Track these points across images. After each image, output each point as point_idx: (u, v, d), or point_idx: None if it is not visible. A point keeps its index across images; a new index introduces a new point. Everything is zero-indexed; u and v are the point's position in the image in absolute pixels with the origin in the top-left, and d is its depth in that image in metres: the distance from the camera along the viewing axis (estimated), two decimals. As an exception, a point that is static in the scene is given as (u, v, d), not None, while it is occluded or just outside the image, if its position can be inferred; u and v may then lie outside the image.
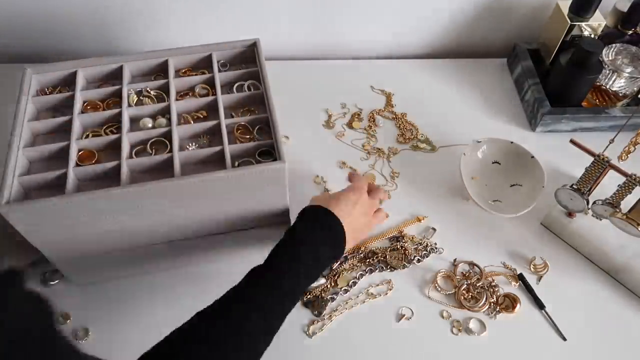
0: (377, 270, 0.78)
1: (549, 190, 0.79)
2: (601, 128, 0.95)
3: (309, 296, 0.75)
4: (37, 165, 0.66)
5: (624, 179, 0.70)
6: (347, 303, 0.75)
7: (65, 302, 0.74)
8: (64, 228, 0.62)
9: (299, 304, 0.74)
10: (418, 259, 0.79)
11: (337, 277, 0.77)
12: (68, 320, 0.72)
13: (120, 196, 0.60)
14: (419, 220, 0.84)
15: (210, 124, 0.69)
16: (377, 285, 0.77)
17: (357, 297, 0.76)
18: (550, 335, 0.73)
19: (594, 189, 0.75)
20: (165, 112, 0.70)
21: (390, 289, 0.77)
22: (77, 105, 0.69)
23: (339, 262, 0.78)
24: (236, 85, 0.74)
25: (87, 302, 0.74)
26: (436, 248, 0.81)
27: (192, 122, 0.70)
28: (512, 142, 0.86)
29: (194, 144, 0.69)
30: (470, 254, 0.80)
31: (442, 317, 0.74)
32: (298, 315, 0.74)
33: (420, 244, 0.81)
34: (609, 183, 0.72)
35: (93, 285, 0.76)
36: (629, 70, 0.91)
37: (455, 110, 1.00)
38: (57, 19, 1.00)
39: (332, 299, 0.75)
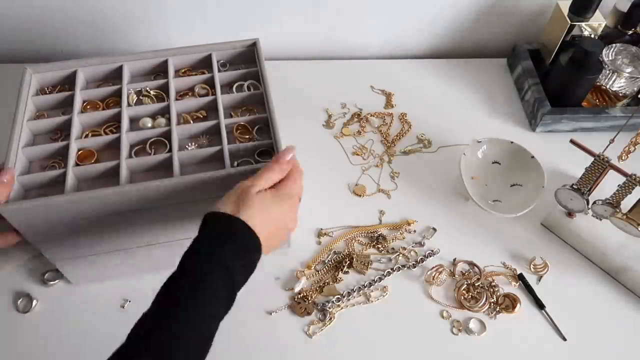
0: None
1: (549, 190, 0.79)
2: (601, 128, 0.95)
3: (309, 296, 0.75)
4: (37, 165, 0.66)
5: (624, 179, 0.70)
6: (347, 303, 0.75)
7: (65, 302, 0.74)
8: (64, 227, 0.62)
9: (298, 304, 0.75)
10: (418, 259, 0.79)
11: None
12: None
13: (120, 196, 0.60)
14: (409, 223, 0.84)
15: (209, 123, 0.69)
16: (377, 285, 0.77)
17: (357, 297, 0.76)
18: (550, 335, 0.73)
19: (594, 189, 0.75)
20: (165, 112, 0.70)
21: (390, 290, 0.77)
22: (77, 105, 0.69)
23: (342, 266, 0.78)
24: (236, 85, 0.74)
25: (88, 302, 0.74)
26: (436, 248, 0.81)
27: (191, 122, 0.70)
28: (512, 142, 0.86)
29: (193, 143, 0.69)
30: (470, 254, 0.80)
31: (442, 317, 0.74)
32: (298, 315, 0.74)
33: (420, 244, 0.81)
34: (609, 183, 0.72)
35: (93, 285, 0.76)
36: (629, 70, 0.91)
37: (455, 110, 1.00)
38: (58, 18, 1.00)
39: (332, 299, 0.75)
